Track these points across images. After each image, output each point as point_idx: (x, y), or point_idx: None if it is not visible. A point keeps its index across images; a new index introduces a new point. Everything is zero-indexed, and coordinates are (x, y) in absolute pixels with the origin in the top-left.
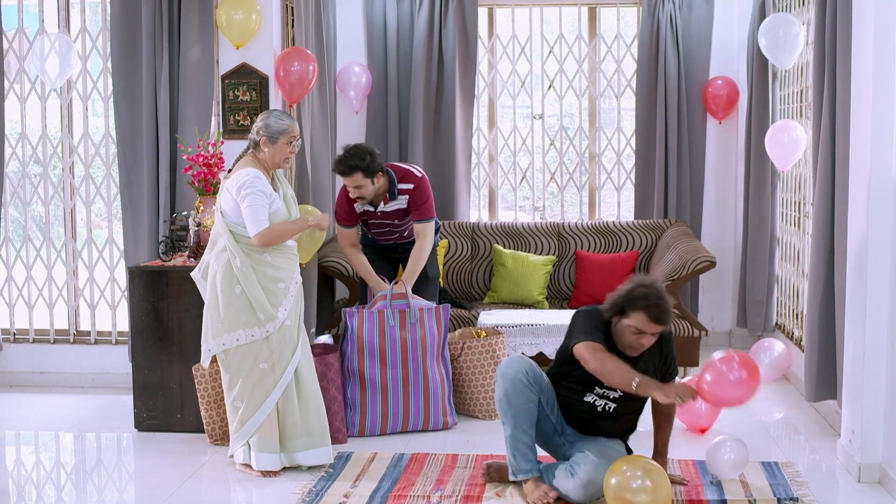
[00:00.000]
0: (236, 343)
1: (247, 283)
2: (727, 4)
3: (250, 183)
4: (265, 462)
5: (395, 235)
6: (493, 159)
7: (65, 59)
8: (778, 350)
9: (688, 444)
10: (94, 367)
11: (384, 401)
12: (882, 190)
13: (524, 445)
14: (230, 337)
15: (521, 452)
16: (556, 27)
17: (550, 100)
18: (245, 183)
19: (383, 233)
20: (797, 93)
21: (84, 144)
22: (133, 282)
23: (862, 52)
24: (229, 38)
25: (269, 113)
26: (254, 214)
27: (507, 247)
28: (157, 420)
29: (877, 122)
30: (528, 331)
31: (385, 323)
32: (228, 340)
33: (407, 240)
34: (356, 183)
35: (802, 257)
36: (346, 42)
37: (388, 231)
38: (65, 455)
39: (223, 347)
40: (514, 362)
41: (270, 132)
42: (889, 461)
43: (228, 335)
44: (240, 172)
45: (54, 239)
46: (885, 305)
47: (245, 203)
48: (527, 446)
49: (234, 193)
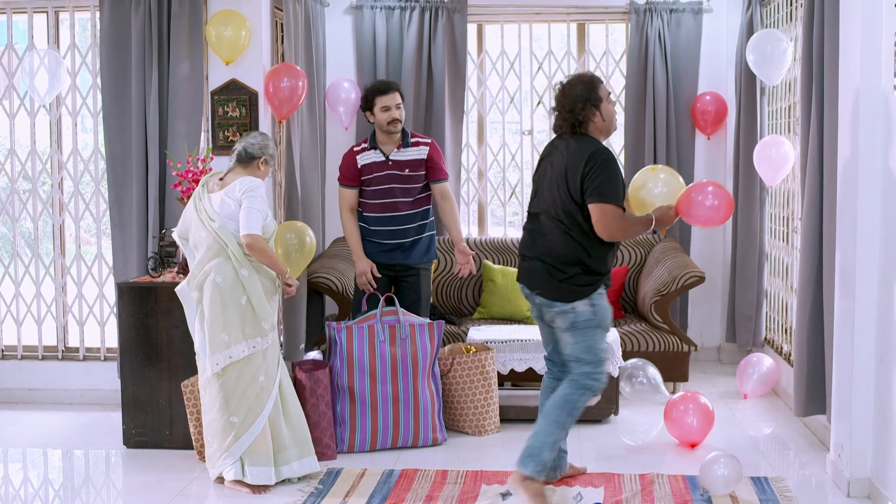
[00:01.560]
0: (243, 354)
1: (253, 292)
2: (715, 20)
3: (257, 187)
4: (261, 476)
5: (392, 200)
6: (482, 175)
7: (54, 76)
8: (766, 365)
9: (679, 459)
10: (83, 384)
11: (374, 417)
12: (869, 205)
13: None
14: (237, 349)
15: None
16: (545, 43)
17: (539, 115)
18: (252, 186)
19: (382, 193)
20: (785, 108)
21: (73, 160)
22: (122, 298)
23: (849, 67)
24: (219, 54)
25: (267, 137)
26: (250, 216)
27: (497, 262)
28: (146, 437)
29: (864, 136)
30: (518, 346)
31: (375, 338)
32: (236, 352)
33: (402, 213)
34: (397, 101)
35: (791, 272)
36: (336, 58)
37: (389, 191)
38: (53, 472)
39: (230, 360)
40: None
41: (269, 152)
42: (878, 476)
43: (236, 347)
44: (245, 179)
45: (43, 255)
46: (873, 320)
47: (246, 202)
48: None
49: (239, 195)
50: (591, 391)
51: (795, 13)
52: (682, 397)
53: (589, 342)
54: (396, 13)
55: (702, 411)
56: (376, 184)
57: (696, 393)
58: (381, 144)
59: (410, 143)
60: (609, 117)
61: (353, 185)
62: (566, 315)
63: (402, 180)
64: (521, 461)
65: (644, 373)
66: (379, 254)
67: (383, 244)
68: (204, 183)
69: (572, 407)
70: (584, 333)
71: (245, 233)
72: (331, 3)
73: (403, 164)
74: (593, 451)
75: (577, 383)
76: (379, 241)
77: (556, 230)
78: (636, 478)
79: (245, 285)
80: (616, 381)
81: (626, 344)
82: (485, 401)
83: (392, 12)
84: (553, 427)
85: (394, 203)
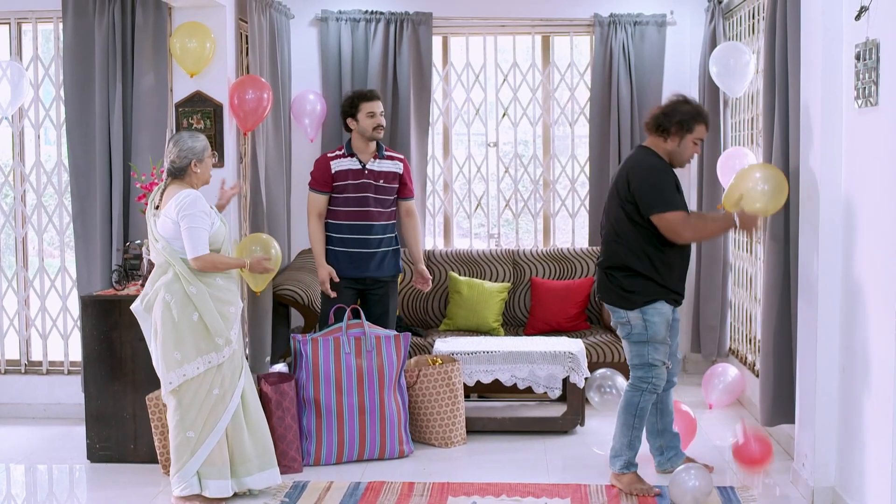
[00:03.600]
0: (197, 371)
1: (203, 308)
2: (679, 33)
3: (191, 203)
4: (218, 489)
5: (366, 209)
6: (448, 187)
7: (17, 87)
8: (731, 375)
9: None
10: (46, 398)
11: (340, 429)
12: (831, 216)
13: (638, 443)
14: (191, 366)
15: (635, 451)
16: (510, 55)
17: (505, 127)
18: (185, 204)
19: (356, 201)
20: (748, 120)
21: (36, 173)
22: (86, 311)
23: (810, 79)
24: (183, 66)
25: (178, 138)
26: (194, 237)
27: (463, 274)
28: (111, 451)
29: (825, 148)
30: (484, 358)
31: (341, 350)
32: (190, 370)
33: (374, 223)
34: (381, 109)
35: (755, 283)
36: (301, 70)
37: (364, 200)
38: (16, 487)
39: (184, 378)
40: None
41: (196, 152)
42: (842, 485)
43: (189, 365)
44: (178, 195)
45: (5, 268)
46: (836, 331)
47: (185, 224)
48: (639, 444)
49: (175, 215)
50: (648, 392)
51: (758, 26)
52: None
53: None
54: (362, 25)
55: (684, 420)
56: (350, 191)
57: (677, 401)
58: (358, 152)
59: (385, 156)
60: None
61: (325, 190)
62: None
63: (376, 190)
64: (610, 461)
65: (613, 383)
66: (349, 268)
67: (351, 253)
68: (151, 198)
69: (635, 408)
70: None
71: (191, 257)
72: (296, 16)
73: (379, 175)
74: (560, 462)
75: (633, 386)
76: (346, 249)
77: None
78: (603, 489)
79: (195, 302)
80: (583, 391)
81: (591, 355)
82: (451, 413)
83: (357, 24)
84: (624, 429)
85: (367, 212)
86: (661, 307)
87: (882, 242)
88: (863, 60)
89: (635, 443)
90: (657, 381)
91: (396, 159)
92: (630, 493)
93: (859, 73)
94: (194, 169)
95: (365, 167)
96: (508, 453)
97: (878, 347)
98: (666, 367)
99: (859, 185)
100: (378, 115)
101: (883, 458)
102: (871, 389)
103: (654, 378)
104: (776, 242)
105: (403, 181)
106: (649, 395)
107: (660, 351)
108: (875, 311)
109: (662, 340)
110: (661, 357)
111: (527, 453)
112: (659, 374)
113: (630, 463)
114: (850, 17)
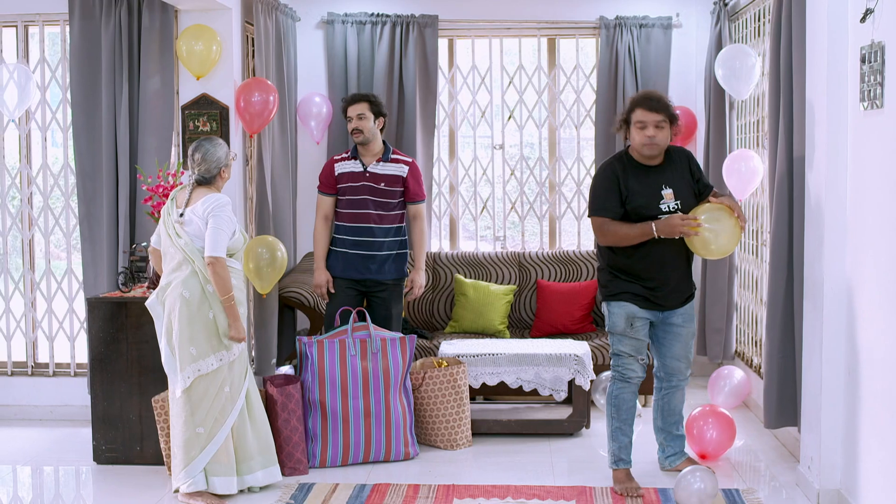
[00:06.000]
0: (211, 368)
1: (218, 307)
2: (684, 36)
3: (222, 206)
4: (224, 486)
5: (364, 212)
6: (453, 189)
7: (23, 90)
8: (737, 378)
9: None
10: (53, 400)
11: (345, 431)
12: (836, 218)
13: (627, 439)
14: (206, 363)
15: (623, 446)
16: (515, 58)
17: (511, 130)
18: (216, 206)
19: (355, 204)
20: (754, 122)
21: (43, 175)
22: (92, 313)
23: (816, 81)
24: (189, 68)
25: (204, 151)
26: (216, 237)
27: (469, 276)
28: (117, 453)
29: (831, 150)
30: (490, 360)
31: (346, 353)
32: (205, 366)
33: (374, 226)
34: (359, 111)
35: (761, 285)
36: (307, 72)
37: (362, 202)
38: (22, 489)
39: (198, 374)
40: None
41: (223, 161)
42: (847, 487)
43: (204, 361)
44: (209, 198)
45: (12, 270)
46: (842, 333)
47: (212, 223)
48: (629, 441)
49: (203, 214)
50: (619, 381)
51: (763, 28)
52: (702, 412)
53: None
54: (368, 28)
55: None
56: (350, 193)
57: (714, 406)
58: (361, 156)
59: (390, 159)
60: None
61: (330, 192)
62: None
63: (376, 193)
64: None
65: None
66: (351, 269)
67: (352, 255)
68: (173, 197)
69: (611, 397)
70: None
71: (209, 254)
72: (302, 18)
73: (380, 178)
74: (565, 464)
75: (611, 377)
76: (347, 250)
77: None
78: (608, 491)
79: (211, 301)
80: (588, 394)
81: (597, 358)
82: (456, 415)
83: (363, 27)
84: (606, 420)
85: (366, 214)
86: (625, 304)
87: (887, 245)
88: (868, 63)
89: (617, 435)
90: (624, 371)
91: (402, 162)
92: (618, 491)
93: (865, 75)
94: (222, 175)
95: (366, 170)
96: (514, 455)
97: (883, 349)
98: (639, 362)
99: (864, 187)
100: (354, 118)
101: (888, 461)
102: (876, 392)
103: (621, 367)
104: (780, 245)
105: (408, 184)
106: (621, 384)
107: (623, 343)
108: (880, 314)
109: (622, 333)
110: (626, 349)
111: (532, 455)
112: (626, 363)
113: (618, 458)
114: (856, 19)
